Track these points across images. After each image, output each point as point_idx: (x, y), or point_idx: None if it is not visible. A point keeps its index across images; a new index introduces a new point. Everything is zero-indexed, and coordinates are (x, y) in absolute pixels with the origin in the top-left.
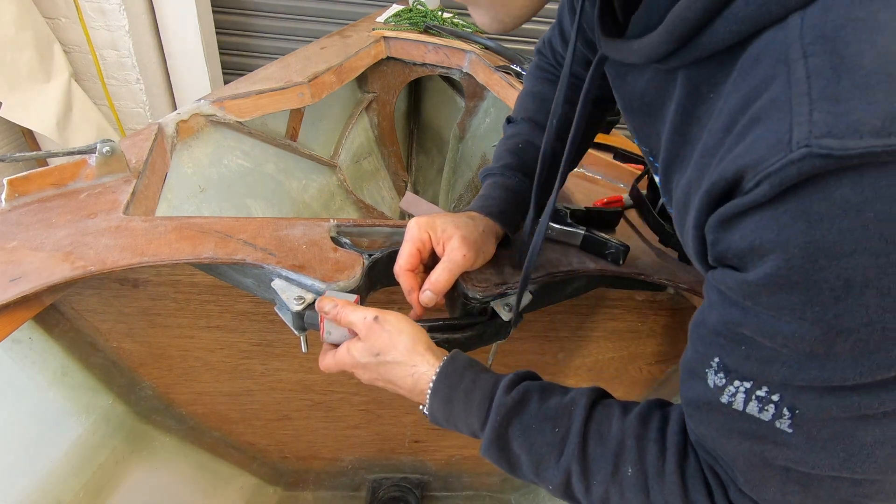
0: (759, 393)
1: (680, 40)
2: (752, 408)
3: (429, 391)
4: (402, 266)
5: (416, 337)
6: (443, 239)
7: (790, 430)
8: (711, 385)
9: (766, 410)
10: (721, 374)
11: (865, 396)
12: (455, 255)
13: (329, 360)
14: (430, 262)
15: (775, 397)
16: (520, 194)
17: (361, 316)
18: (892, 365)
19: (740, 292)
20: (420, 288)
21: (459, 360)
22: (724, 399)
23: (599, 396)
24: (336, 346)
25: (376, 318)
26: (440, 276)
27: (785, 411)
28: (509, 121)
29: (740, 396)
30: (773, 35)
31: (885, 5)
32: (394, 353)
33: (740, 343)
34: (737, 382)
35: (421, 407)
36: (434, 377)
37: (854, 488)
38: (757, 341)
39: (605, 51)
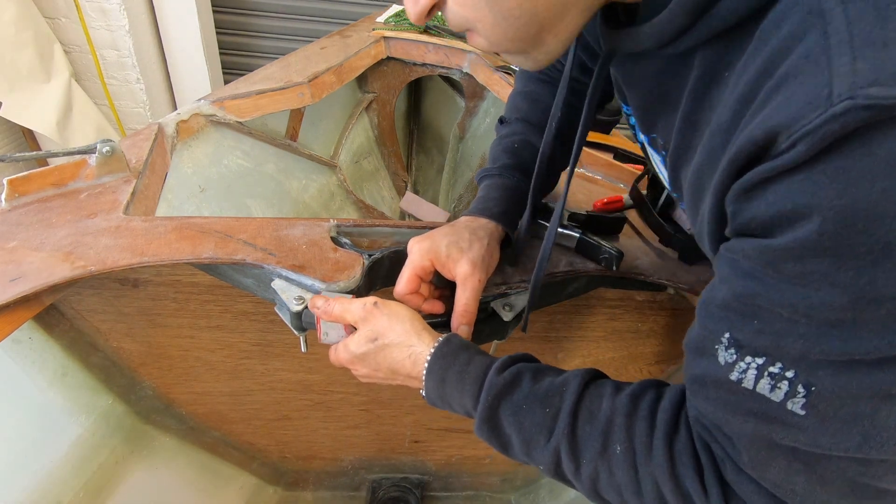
0: (771, 369)
1: (693, 13)
2: (763, 386)
3: (424, 370)
4: (402, 291)
5: (415, 319)
6: (448, 264)
7: (802, 412)
8: (721, 362)
9: (779, 388)
10: (732, 350)
11: (889, 373)
12: (472, 282)
13: (332, 358)
14: (432, 278)
15: (789, 374)
16: (519, 193)
17: (361, 302)
18: None
19: (761, 260)
20: (423, 301)
21: (455, 341)
22: (734, 376)
23: (593, 377)
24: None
25: (376, 303)
26: (469, 307)
27: (799, 388)
28: (502, 121)
29: (751, 373)
30: None
31: None
32: (392, 334)
33: (753, 317)
34: (748, 358)
35: (420, 390)
36: (429, 357)
37: (863, 468)
38: (773, 314)
39: (612, 44)
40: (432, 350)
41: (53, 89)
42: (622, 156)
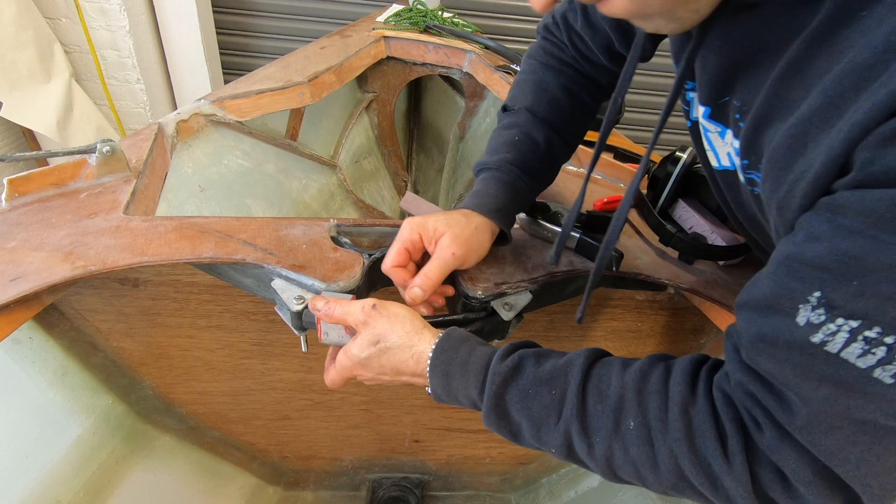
0: (868, 333)
1: None
2: (852, 350)
3: (428, 367)
4: (390, 263)
5: (415, 319)
6: (434, 237)
7: (890, 381)
8: (802, 322)
9: (872, 354)
10: (821, 311)
11: None
12: (444, 253)
13: (333, 374)
14: (422, 261)
15: (889, 339)
16: (516, 190)
17: (360, 305)
18: None
19: (888, 214)
20: (411, 276)
21: (455, 334)
22: (817, 338)
23: (598, 356)
24: (337, 348)
25: (374, 305)
26: (430, 272)
27: None
28: (505, 109)
29: (841, 336)
30: None
31: None
32: (393, 336)
33: (852, 277)
34: (840, 321)
35: (427, 388)
36: (431, 353)
37: None
38: (879, 275)
39: None
40: (434, 346)
41: (54, 89)
42: (622, 156)
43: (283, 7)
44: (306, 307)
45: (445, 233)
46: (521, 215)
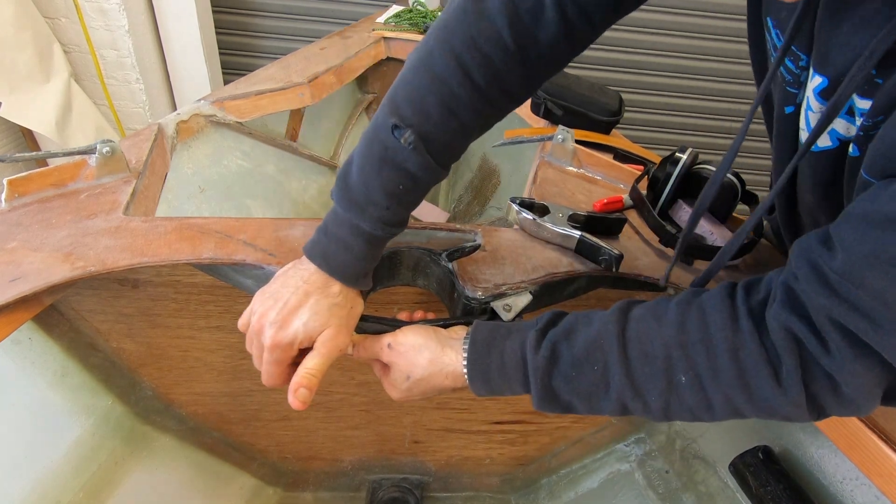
0: None
1: None
2: None
3: (467, 380)
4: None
5: (430, 342)
6: (313, 336)
7: None
8: None
9: None
10: None
11: None
12: (329, 349)
13: (395, 396)
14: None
15: None
16: (380, 248)
17: (379, 348)
18: None
19: None
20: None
21: (479, 338)
22: None
23: (625, 314)
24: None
25: (389, 345)
26: (315, 369)
27: None
28: (396, 126)
29: None
30: None
31: None
32: (418, 370)
33: None
34: None
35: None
36: (465, 367)
37: None
38: None
39: None
40: (464, 359)
41: (53, 89)
42: (622, 156)
43: (283, 7)
44: None
45: (325, 330)
46: (522, 215)
